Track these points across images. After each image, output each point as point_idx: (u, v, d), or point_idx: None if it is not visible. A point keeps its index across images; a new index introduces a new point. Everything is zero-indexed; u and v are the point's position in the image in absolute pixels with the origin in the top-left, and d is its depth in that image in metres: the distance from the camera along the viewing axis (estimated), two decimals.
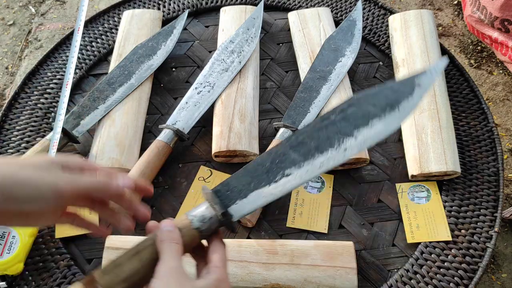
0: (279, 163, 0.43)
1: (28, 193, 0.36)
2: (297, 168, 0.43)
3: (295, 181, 0.43)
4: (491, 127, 0.74)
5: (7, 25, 1.84)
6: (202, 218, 0.41)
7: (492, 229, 0.63)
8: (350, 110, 0.44)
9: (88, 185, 0.39)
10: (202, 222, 0.41)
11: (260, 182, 0.43)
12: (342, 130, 0.43)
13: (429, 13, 0.80)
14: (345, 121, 0.43)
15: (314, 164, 0.43)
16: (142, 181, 0.45)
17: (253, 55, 0.80)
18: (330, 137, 0.43)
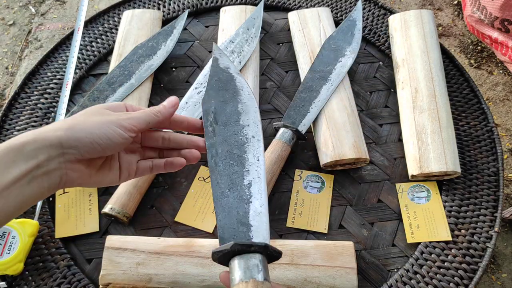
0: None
1: (100, 135, 0.40)
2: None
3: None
4: (491, 127, 0.74)
5: (7, 25, 1.84)
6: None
7: (492, 229, 0.63)
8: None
9: (143, 116, 0.44)
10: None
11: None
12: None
13: (429, 13, 0.80)
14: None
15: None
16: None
17: (253, 55, 0.80)
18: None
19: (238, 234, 0.43)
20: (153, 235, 0.63)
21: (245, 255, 0.41)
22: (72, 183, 0.41)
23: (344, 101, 0.73)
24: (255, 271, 0.40)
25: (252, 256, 0.41)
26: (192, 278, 0.56)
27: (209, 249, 0.58)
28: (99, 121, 0.41)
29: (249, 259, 0.40)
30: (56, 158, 0.38)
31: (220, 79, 0.53)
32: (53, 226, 0.65)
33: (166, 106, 0.46)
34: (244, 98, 0.52)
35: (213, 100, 0.51)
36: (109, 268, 0.56)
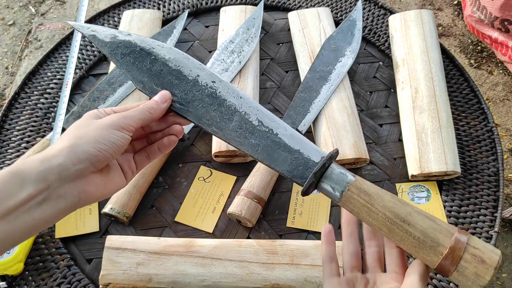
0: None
1: (104, 142, 0.39)
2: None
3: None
4: (491, 127, 0.74)
5: (7, 25, 1.84)
6: None
7: (492, 229, 0.63)
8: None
9: (137, 114, 0.43)
10: None
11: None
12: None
13: (429, 13, 0.80)
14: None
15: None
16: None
17: (253, 55, 0.80)
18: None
19: (299, 165, 0.42)
20: (153, 235, 0.63)
21: (325, 175, 0.41)
22: (91, 198, 0.40)
23: (344, 101, 0.73)
24: (345, 177, 0.41)
25: (330, 170, 0.42)
26: (192, 278, 0.56)
27: (209, 249, 0.58)
28: (97, 128, 0.40)
29: (332, 174, 0.41)
30: (69, 179, 0.37)
31: (123, 53, 0.47)
32: (53, 226, 0.65)
33: (158, 102, 0.44)
34: (164, 52, 0.46)
35: (144, 78, 0.46)
36: (109, 268, 0.56)
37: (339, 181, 0.41)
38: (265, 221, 0.65)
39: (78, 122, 0.41)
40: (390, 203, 0.40)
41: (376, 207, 0.40)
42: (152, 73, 0.46)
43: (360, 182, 0.41)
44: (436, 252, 0.38)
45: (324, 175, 0.42)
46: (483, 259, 0.37)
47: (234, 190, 0.68)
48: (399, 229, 0.39)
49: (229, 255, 0.57)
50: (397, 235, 0.39)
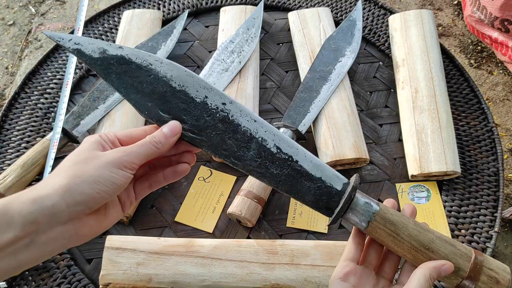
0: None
1: (103, 182, 0.36)
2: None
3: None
4: (491, 127, 0.74)
5: (7, 25, 1.84)
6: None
7: (492, 229, 0.63)
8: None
9: (143, 150, 0.39)
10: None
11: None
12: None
13: (429, 13, 0.80)
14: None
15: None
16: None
17: (253, 55, 0.80)
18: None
19: (323, 195, 0.42)
20: (153, 235, 0.63)
21: (351, 206, 0.41)
22: (83, 239, 0.37)
23: (344, 101, 0.73)
24: (370, 207, 0.42)
25: (355, 201, 0.42)
26: (192, 278, 0.56)
27: (209, 249, 0.58)
28: (97, 167, 0.36)
29: (357, 205, 0.41)
30: (61, 222, 0.34)
31: (118, 71, 0.41)
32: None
33: (167, 135, 0.40)
34: (165, 70, 0.41)
35: (147, 102, 0.41)
36: (109, 268, 0.56)
37: (365, 212, 0.41)
38: (265, 221, 0.65)
39: (78, 153, 0.38)
40: (414, 231, 0.41)
41: (402, 236, 0.41)
42: (155, 96, 0.41)
43: (384, 212, 0.42)
44: (457, 275, 0.41)
45: (350, 207, 0.41)
46: (498, 280, 0.41)
47: (234, 190, 0.68)
48: (423, 256, 0.41)
49: (229, 255, 0.57)
50: (421, 262, 0.41)
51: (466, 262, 0.41)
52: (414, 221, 0.42)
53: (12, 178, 0.65)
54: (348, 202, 0.41)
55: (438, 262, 0.41)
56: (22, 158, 0.67)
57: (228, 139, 0.41)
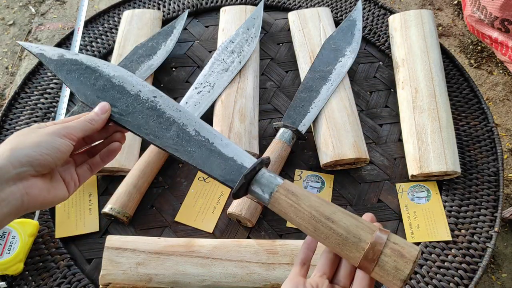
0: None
1: (46, 146, 0.40)
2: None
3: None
4: (491, 127, 0.74)
5: (7, 25, 1.84)
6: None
7: (492, 229, 0.63)
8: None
9: (79, 125, 0.44)
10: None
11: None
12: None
13: (429, 13, 0.80)
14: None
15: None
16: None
17: (253, 55, 0.80)
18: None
19: (232, 171, 0.45)
20: (153, 235, 0.63)
21: (255, 178, 0.44)
22: (35, 202, 0.40)
23: (344, 101, 0.73)
24: (274, 179, 0.43)
25: (260, 174, 0.44)
26: (192, 278, 0.56)
27: (209, 249, 0.58)
28: (40, 135, 0.41)
29: (262, 177, 0.44)
30: (10, 182, 0.38)
31: (69, 69, 0.50)
32: (53, 226, 0.65)
33: (98, 113, 0.46)
34: (109, 70, 0.50)
35: (87, 91, 0.48)
36: (109, 268, 0.56)
37: (268, 183, 0.43)
38: (265, 221, 0.65)
39: (19, 132, 0.42)
40: (315, 203, 0.42)
41: (303, 206, 0.42)
42: (96, 87, 0.48)
43: (287, 184, 0.43)
44: (358, 248, 0.39)
45: (254, 179, 0.44)
46: (402, 254, 0.38)
47: None
48: (324, 226, 0.41)
49: (229, 255, 0.57)
50: (322, 233, 0.41)
51: (368, 234, 0.39)
52: (319, 196, 0.43)
53: None
54: (252, 173, 0.44)
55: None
56: None
57: (152, 122, 0.47)
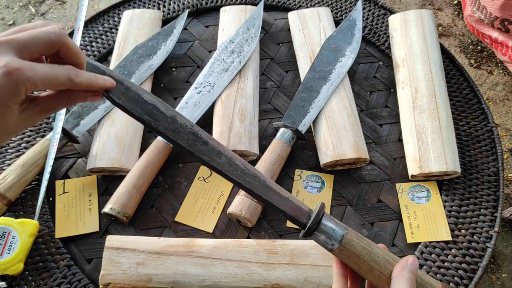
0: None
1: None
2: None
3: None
4: (491, 127, 0.74)
5: (7, 25, 1.84)
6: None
7: (492, 229, 0.63)
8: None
9: (28, 37, 0.34)
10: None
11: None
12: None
13: (429, 13, 0.80)
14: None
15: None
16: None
17: (253, 55, 0.80)
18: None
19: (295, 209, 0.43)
20: (153, 235, 0.63)
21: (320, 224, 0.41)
22: None
23: (344, 101, 0.73)
24: (341, 228, 0.41)
25: (325, 221, 0.41)
26: (192, 278, 0.56)
27: (209, 249, 0.58)
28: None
29: (327, 223, 0.41)
30: None
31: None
32: (53, 226, 0.65)
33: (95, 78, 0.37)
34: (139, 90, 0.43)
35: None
36: (109, 268, 0.56)
37: (337, 223, 0.42)
38: (265, 221, 0.65)
39: None
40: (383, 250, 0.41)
41: (376, 250, 0.40)
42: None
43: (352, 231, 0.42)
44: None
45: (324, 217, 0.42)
46: None
47: (234, 190, 0.68)
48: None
49: (229, 255, 0.57)
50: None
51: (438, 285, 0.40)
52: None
53: (12, 178, 0.65)
54: (317, 219, 0.41)
55: (402, 261, 0.40)
56: (22, 158, 0.67)
57: (200, 146, 0.44)
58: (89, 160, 0.69)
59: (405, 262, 0.40)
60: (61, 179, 0.70)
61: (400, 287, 0.38)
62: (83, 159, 0.73)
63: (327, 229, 0.41)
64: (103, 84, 0.38)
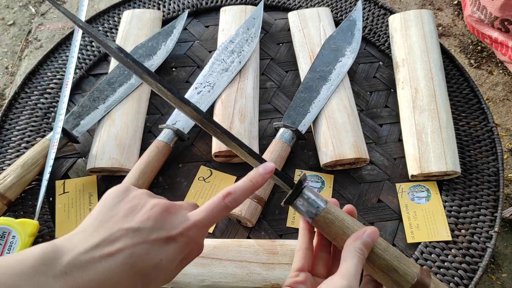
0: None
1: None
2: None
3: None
4: (491, 127, 0.74)
5: (7, 25, 1.84)
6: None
7: (492, 229, 0.63)
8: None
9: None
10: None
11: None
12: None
13: (429, 13, 0.80)
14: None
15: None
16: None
17: (253, 55, 0.80)
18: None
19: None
20: None
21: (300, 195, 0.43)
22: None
23: (344, 101, 0.73)
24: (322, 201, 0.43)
25: (304, 194, 0.43)
26: (192, 278, 0.56)
27: (209, 249, 0.58)
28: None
29: (304, 196, 0.43)
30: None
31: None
32: (53, 226, 0.65)
33: (262, 172, 0.41)
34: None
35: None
36: None
37: (317, 195, 0.43)
38: (265, 221, 0.65)
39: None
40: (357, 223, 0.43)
41: (348, 221, 0.42)
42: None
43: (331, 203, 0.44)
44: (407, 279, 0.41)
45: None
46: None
47: None
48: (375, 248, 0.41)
49: (229, 255, 0.57)
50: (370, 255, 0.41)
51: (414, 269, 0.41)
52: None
53: (12, 178, 0.65)
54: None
55: (359, 232, 0.40)
56: (22, 158, 0.67)
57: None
58: (89, 160, 0.69)
59: (362, 232, 0.40)
60: (61, 179, 0.70)
61: (348, 257, 0.38)
62: (83, 159, 0.73)
63: (309, 199, 0.43)
64: (262, 182, 0.41)
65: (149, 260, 0.33)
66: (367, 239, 0.39)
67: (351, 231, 0.41)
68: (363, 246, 0.39)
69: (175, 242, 0.35)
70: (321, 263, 0.44)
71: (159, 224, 0.35)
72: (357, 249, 0.39)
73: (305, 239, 0.44)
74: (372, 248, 0.40)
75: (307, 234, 0.44)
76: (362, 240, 0.39)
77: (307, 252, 0.43)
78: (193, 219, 0.36)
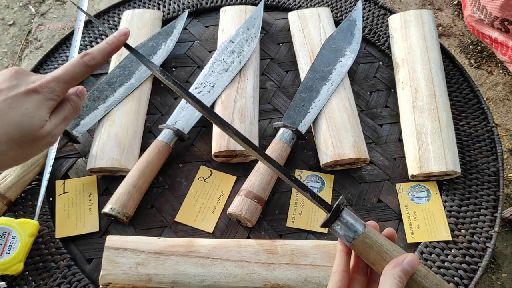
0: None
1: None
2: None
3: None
4: (491, 127, 0.74)
5: (7, 25, 1.84)
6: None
7: (492, 229, 0.63)
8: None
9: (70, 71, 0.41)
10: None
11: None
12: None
13: (429, 13, 0.80)
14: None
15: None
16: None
17: (253, 55, 0.80)
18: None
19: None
20: (153, 235, 0.63)
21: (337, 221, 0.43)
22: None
23: (344, 101, 0.73)
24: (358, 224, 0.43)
25: (341, 218, 0.43)
26: (192, 278, 0.56)
27: (209, 249, 0.58)
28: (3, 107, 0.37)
29: (342, 220, 0.43)
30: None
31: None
32: (53, 226, 0.65)
33: (116, 35, 0.44)
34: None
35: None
36: (109, 268, 0.56)
37: (356, 218, 0.43)
38: (265, 221, 0.65)
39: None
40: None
41: (386, 246, 0.41)
42: None
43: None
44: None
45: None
46: None
47: (234, 190, 0.68)
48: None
49: (229, 255, 0.57)
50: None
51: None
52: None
53: (12, 178, 0.65)
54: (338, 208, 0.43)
55: (399, 258, 0.40)
56: None
57: None
58: (89, 160, 0.69)
59: (401, 259, 0.40)
60: (61, 179, 0.70)
61: (387, 284, 0.38)
62: (83, 159, 0.73)
63: (348, 222, 0.43)
64: (118, 43, 0.45)
65: (15, 111, 0.37)
66: (407, 267, 0.39)
67: (390, 257, 0.40)
68: (403, 273, 0.39)
69: (37, 93, 0.38)
70: (357, 285, 0.44)
71: (15, 83, 0.39)
72: (396, 277, 0.38)
73: (342, 260, 0.44)
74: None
75: (344, 256, 0.44)
76: (402, 268, 0.39)
77: (343, 274, 0.43)
78: (51, 74, 0.40)
